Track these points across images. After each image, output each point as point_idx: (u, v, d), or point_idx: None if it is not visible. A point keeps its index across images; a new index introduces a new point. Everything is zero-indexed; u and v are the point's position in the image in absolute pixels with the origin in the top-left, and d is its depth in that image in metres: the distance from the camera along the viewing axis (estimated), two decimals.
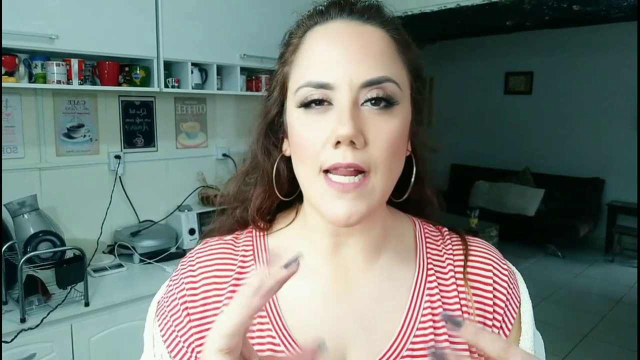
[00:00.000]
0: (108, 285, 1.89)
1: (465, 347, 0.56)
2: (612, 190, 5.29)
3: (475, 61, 6.15)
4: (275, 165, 0.59)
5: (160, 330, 0.58)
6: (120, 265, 2.05)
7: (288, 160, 0.58)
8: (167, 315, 0.58)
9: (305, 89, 0.51)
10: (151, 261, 2.10)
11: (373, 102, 0.50)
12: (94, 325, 1.75)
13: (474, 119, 6.24)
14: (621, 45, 4.97)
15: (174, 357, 0.56)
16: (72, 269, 1.72)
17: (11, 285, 1.72)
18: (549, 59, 5.57)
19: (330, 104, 0.51)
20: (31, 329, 1.59)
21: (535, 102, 5.80)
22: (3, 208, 1.81)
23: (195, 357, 0.56)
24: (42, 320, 1.60)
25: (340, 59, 0.51)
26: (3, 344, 1.52)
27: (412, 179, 0.59)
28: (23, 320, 1.58)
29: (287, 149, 0.58)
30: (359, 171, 0.50)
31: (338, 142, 0.49)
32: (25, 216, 1.83)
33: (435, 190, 0.64)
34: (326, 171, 0.50)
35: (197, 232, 2.30)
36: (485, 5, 2.39)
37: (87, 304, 1.71)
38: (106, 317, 1.77)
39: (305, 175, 0.53)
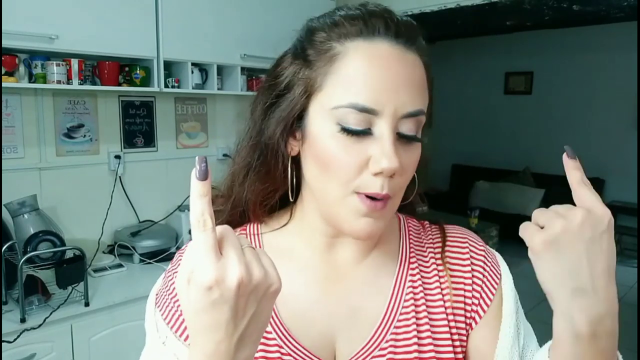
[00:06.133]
0: (108, 285, 1.89)
1: (446, 328, 0.60)
2: (612, 190, 5.28)
3: (475, 61, 6.15)
4: (286, 164, 0.58)
5: (162, 314, 0.60)
6: (120, 265, 2.05)
7: (292, 159, 0.58)
8: (168, 300, 0.60)
9: (347, 110, 0.50)
10: (151, 261, 2.10)
11: (405, 138, 0.53)
12: (94, 325, 1.75)
13: (474, 119, 6.24)
14: (621, 45, 4.96)
15: (177, 332, 0.58)
16: (72, 269, 1.72)
17: (11, 285, 1.72)
18: (549, 59, 5.57)
19: (370, 130, 0.51)
20: (34, 328, 1.59)
21: (535, 102, 5.79)
22: (3, 208, 1.81)
23: None
24: (44, 320, 1.60)
25: (387, 87, 0.51)
26: (4, 343, 1.52)
27: (416, 190, 0.62)
28: (23, 320, 1.58)
29: (295, 148, 0.57)
30: None
31: (379, 172, 0.50)
32: (25, 216, 1.83)
33: (420, 190, 0.66)
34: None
35: None
36: (485, 5, 2.39)
37: (87, 304, 1.71)
38: (106, 317, 1.77)
39: (331, 192, 0.54)
